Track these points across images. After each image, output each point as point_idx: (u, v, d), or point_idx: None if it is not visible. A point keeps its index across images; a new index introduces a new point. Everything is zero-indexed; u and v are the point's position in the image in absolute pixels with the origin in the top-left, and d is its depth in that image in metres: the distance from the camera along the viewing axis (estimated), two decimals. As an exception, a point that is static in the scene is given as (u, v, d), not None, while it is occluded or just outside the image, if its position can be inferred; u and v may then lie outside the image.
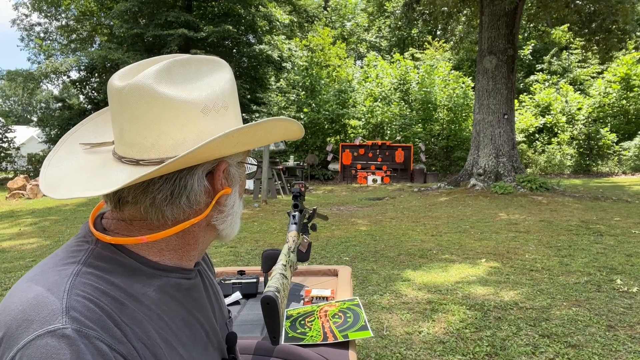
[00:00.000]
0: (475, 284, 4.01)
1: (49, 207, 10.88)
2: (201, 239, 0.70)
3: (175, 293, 0.67)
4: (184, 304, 0.69)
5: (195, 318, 0.70)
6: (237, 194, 0.72)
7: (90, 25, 22.92)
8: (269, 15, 19.79)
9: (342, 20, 30.88)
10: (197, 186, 0.64)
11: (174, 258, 0.68)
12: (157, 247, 0.66)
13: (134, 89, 0.60)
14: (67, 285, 0.54)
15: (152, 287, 0.63)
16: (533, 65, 23.64)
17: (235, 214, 0.72)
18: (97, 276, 0.58)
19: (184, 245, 0.68)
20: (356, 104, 19.95)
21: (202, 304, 0.74)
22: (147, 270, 0.64)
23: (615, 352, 2.66)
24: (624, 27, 12.34)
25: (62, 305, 0.52)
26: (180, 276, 0.68)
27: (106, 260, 0.61)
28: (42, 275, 0.57)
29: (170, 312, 0.65)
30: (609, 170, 18.42)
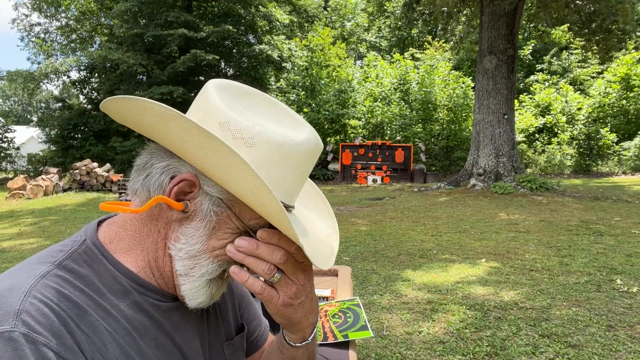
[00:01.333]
0: (475, 284, 4.01)
1: (49, 207, 10.89)
2: (161, 262, 0.65)
3: (153, 312, 0.65)
4: (161, 324, 0.66)
5: (171, 340, 0.67)
6: (204, 236, 0.62)
7: (90, 25, 22.93)
8: (269, 15, 19.80)
9: (342, 20, 30.89)
10: (158, 174, 0.62)
11: (153, 277, 0.66)
12: (134, 253, 0.65)
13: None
14: (28, 286, 0.53)
15: (127, 302, 0.62)
16: (533, 65, 23.64)
17: (197, 263, 0.63)
18: (66, 280, 0.57)
19: (157, 265, 0.65)
20: (356, 104, 19.95)
21: (184, 327, 0.70)
22: (126, 283, 0.62)
23: (615, 352, 2.66)
24: (624, 27, 12.34)
25: (16, 307, 0.51)
26: (159, 298, 0.66)
27: (85, 264, 0.61)
28: (15, 271, 0.58)
29: (142, 330, 0.62)
30: (609, 170, 18.42)
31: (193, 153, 0.57)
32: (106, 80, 19.49)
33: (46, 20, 23.50)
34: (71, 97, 26.68)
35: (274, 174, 0.61)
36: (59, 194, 13.66)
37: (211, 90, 0.63)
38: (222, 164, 0.55)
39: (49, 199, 12.68)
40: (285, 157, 0.62)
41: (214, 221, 0.62)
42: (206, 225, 0.62)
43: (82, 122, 20.10)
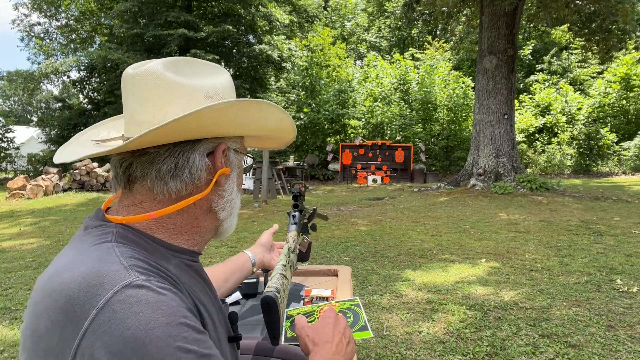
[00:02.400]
0: (475, 284, 4.01)
1: (48, 207, 10.89)
2: (203, 224, 0.75)
3: (189, 270, 0.72)
4: (198, 280, 0.74)
5: (208, 295, 0.75)
6: (235, 182, 0.78)
7: (90, 25, 22.93)
8: (269, 15, 19.80)
9: (342, 20, 30.89)
10: (198, 161, 0.70)
11: (183, 241, 0.73)
12: (167, 229, 0.71)
13: (145, 74, 0.68)
14: (116, 252, 0.60)
15: (172, 265, 0.68)
16: (533, 65, 23.64)
17: (234, 203, 0.77)
18: (132, 249, 0.63)
19: (189, 227, 0.73)
20: (356, 104, 19.95)
21: (208, 284, 0.78)
22: (163, 250, 0.69)
23: (615, 352, 2.66)
24: (623, 27, 12.34)
25: (125, 264, 0.58)
26: (189, 258, 0.74)
27: (129, 240, 0.66)
28: (81, 255, 0.61)
29: (191, 283, 0.70)
30: (609, 170, 18.42)
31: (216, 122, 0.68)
32: (106, 80, 19.48)
33: (46, 20, 23.51)
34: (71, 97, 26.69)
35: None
36: (59, 194, 13.66)
37: (170, 75, 0.69)
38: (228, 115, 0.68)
39: (49, 199, 12.68)
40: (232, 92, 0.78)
41: (239, 166, 0.78)
42: (235, 173, 0.78)
43: (82, 122, 20.09)
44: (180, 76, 0.69)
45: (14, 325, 3.41)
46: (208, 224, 0.76)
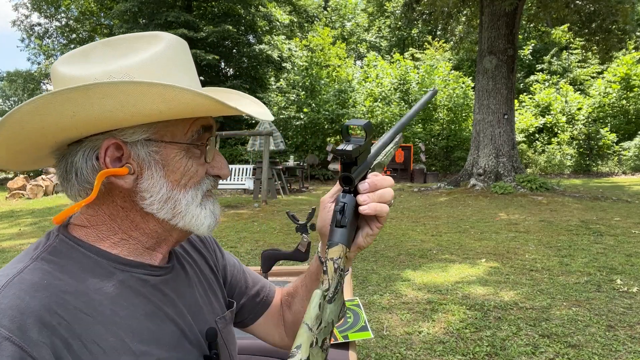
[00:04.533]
0: (475, 284, 4.01)
1: (48, 207, 10.89)
2: (147, 227, 0.67)
3: (140, 288, 0.66)
4: (150, 299, 0.67)
5: (164, 313, 0.68)
6: (162, 180, 0.64)
7: (90, 25, 22.93)
8: (269, 15, 19.81)
9: (342, 20, 30.89)
10: (83, 164, 0.63)
11: (132, 252, 0.68)
12: (107, 237, 0.66)
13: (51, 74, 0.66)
14: (3, 283, 0.55)
15: (112, 282, 0.63)
16: (533, 65, 23.64)
17: (176, 201, 0.66)
18: (45, 271, 0.58)
19: (131, 233, 0.67)
20: (356, 104, 19.95)
21: (173, 299, 0.71)
22: (107, 265, 0.64)
23: (615, 352, 2.66)
24: (623, 27, 12.34)
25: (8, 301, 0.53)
26: (145, 272, 0.68)
27: (61, 255, 0.62)
28: (3, 270, 0.60)
29: (131, 307, 0.63)
30: (609, 170, 18.41)
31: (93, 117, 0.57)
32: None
33: (46, 21, 23.51)
34: (71, 97, 26.69)
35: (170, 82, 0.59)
36: (59, 194, 13.65)
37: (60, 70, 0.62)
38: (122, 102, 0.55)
39: (48, 199, 12.68)
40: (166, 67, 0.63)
41: (159, 160, 0.65)
42: (156, 169, 0.65)
43: (82, 122, 20.11)
44: (72, 67, 0.61)
45: (14, 325, 3.41)
46: (153, 227, 0.68)
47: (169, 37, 0.66)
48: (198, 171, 0.68)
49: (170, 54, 0.64)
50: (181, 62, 0.66)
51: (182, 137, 0.66)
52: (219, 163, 0.72)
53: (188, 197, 0.67)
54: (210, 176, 0.71)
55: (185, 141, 0.66)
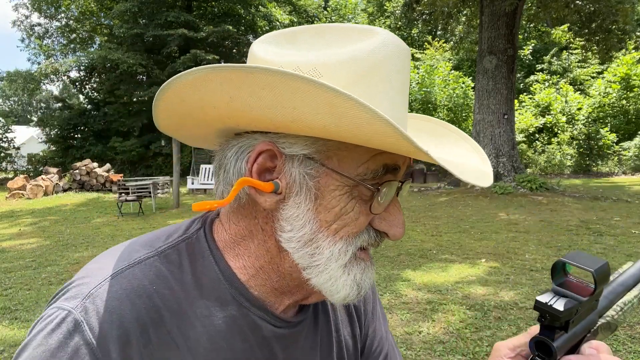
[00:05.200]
0: (475, 284, 4.01)
1: (48, 207, 10.88)
2: (282, 268, 0.54)
3: (250, 333, 0.55)
4: (255, 350, 0.55)
5: None
6: (311, 214, 0.50)
7: (90, 25, 22.93)
8: (268, 15, 19.81)
9: (342, 21, 30.89)
10: (232, 162, 0.52)
11: (259, 287, 0.56)
12: (241, 258, 0.55)
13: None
14: (114, 271, 0.50)
15: (224, 314, 0.53)
16: (533, 65, 23.64)
17: (325, 252, 0.51)
18: (160, 274, 0.51)
19: (262, 266, 0.55)
20: (356, 104, 19.96)
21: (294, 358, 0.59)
22: (227, 291, 0.54)
23: (615, 352, 2.66)
24: (623, 27, 12.35)
25: (90, 290, 0.48)
26: (263, 317, 0.55)
27: (191, 255, 0.54)
28: (118, 250, 0.55)
29: (229, 352, 0.53)
30: (609, 170, 18.42)
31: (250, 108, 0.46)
32: (106, 80, 19.50)
33: (46, 21, 23.51)
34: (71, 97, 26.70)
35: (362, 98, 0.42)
36: (59, 194, 13.66)
37: (257, 51, 0.52)
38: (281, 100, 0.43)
39: (48, 199, 12.68)
40: (365, 74, 0.48)
41: (313, 187, 0.50)
42: (307, 197, 0.50)
43: (82, 122, 20.11)
44: (267, 47, 0.52)
45: (14, 325, 3.41)
46: (288, 268, 0.54)
47: (385, 36, 0.50)
48: (359, 219, 0.51)
49: (378, 58, 0.48)
50: (389, 71, 0.49)
51: (352, 169, 0.49)
52: (392, 217, 0.53)
53: (335, 249, 0.51)
54: (373, 230, 0.53)
55: (354, 176, 0.49)
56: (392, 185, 0.52)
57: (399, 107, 0.51)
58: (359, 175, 0.49)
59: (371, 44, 0.49)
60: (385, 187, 0.50)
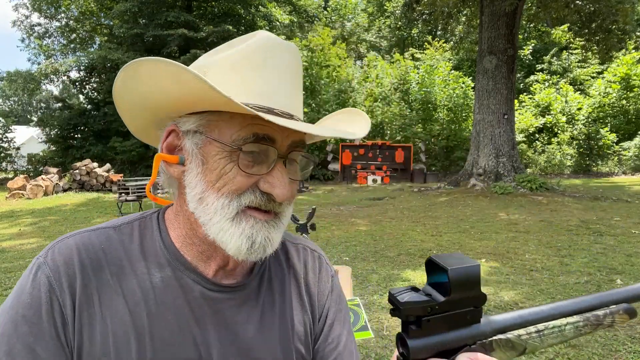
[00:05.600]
0: (475, 284, 4.02)
1: (48, 207, 10.89)
2: (200, 232, 0.63)
3: (181, 292, 0.63)
4: (186, 308, 0.63)
5: (190, 332, 0.62)
6: (200, 176, 0.61)
7: (90, 25, 22.93)
8: (269, 15, 19.81)
9: (342, 20, 30.90)
10: (159, 145, 0.66)
11: (191, 253, 0.65)
12: (178, 229, 0.67)
13: None
14: (76, 233, 0.64)
15: (160, 275, 0.63)
16: (533, 65, 23.65)
17: (211, 207, 0.60)
18: (110, 239, 0.64)
19: (188, 233, 0.65)
20: (356, 104, 19.95)
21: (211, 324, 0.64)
22: (165, 256, 0.65)
23: (615, 352, 2.66)
24: (623, 27, 12.35)
25: (53, 244, 0.63)
26: (194, 278, 0.64)
27: (142, 231, 0.67)
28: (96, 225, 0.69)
29: (162, 306, 0.61)
30: (609, 170, 18.42)
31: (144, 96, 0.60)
32: (106, 80, 19.50)
33: (46, 21, 23.51)
34: (71, 97, 26.69)
35: (238, 83, 0.59)
36: (59, 194, 13.66)
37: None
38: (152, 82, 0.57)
39: (48, 199, 12.68)
40: (238, 65, 0.60)
41: (199, 154, 0.61)
42: (197, 164, 0.61)
43: (82, 122, 20.10)
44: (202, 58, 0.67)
45: (14, 325, 3.41)
46: (202, 230, 0.62)
47: (260, 36, 0.63)
48: (236, 179, 0.59)
49: (247, 52, 0.60)
50: (260, 58, 0.60)
51: (228, 137, 0.59)
52: (275, 179, 0.60)
53: (218, 203, 0.60)
54: (260, 191, 0.61)
55: (229, 143, 0.59)
56: (263, 150, 0.60)
57: (274, 84, 0.61)
58: (233, 142, 0.59)
59: (247, 44, 0.61)
60: (250, 150, 0.59)
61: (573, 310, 0.54)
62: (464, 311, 0.49)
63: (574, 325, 0.54)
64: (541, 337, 0.52)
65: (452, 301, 0.47)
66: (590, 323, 0.54)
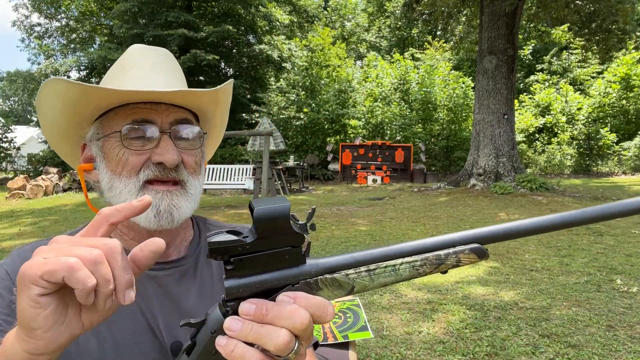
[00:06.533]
0: (475, 284, 4.01)
1: (48, 207, 10.89)
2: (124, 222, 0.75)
3: None
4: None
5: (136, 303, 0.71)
6: (105, 170, 0.73)
7: (90, 25, 22.92)
8: (268, 16, 19.81)
9: (342, 20, 30.90)
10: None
11: (126, 241, 0.77)
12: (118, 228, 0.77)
13: None
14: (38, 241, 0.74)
15: None
16: (533, 65, 23.65)
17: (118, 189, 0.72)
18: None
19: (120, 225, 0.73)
20: (356, 104, 19.95)
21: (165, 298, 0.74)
22: None
23: (615, 352, 2.66)
24: (623, 27, 12.34)
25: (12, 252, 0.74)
26: None
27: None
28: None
29: None
30: (609, 170, 18.42)
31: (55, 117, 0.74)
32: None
33: (46, 21, 23.50)
34: (71, 97, 26.62)
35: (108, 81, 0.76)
36: (59, 194, 13.66)
37: None
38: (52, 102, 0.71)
39: (48, 199, 12.68)
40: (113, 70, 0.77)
41: (101, 152, 0.73)
42: (102, 161, 0.73)
43: (82, 122, 20.09)
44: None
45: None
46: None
47: (132, 47, 0.78)
48: (130, 159, 0.71)
49: (124, 60, 0.75)
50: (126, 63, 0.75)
51: (116, 129, 0.72)
52: (161, 149, 0.71)
53: (122, 185, 0.71)
54: (153, 164, 0.71)
55: (112, 132, 0.72)
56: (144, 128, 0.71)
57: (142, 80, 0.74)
58: (118, 131, 0.71)
59: (120, 57, 0.77)
60: (129, 127, 0.70)
61: (411, 251, 0.52)
62: (281, 251, 0.48)
63: (410, 264, 0.52)
64: (371, 275, 0.51)
65: (262, 241, 0.46)
66: (430, 262, 0.52)
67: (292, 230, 0.48)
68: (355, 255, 0.51)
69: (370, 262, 0.51)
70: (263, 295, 0.47)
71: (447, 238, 0.53)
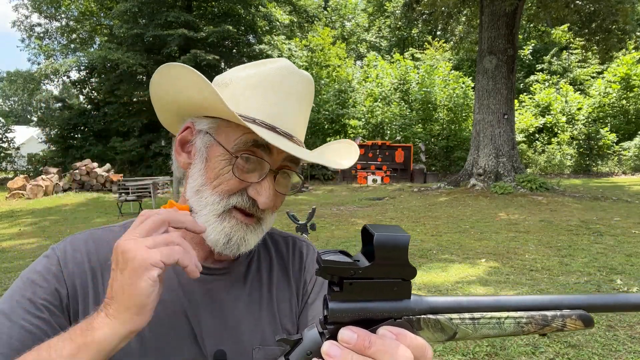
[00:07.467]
0: (475, 283, 4.01)
1: (48, 207, 10.88)
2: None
3: (174, 276, 0.71)
4: (179, 288, 0.71)
5: (182, 307, 0.70)
6: (202, 172, 0.69)
7: (90, 26, 22.93)
8: (269, 16, 19.80)
9: (342, 20, 30.90)
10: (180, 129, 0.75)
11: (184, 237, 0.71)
12: None
13: None
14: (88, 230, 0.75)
15: None
16: (533, 65, 23.64)
17: (204, 199, 0.68)
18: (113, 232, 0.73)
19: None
20: (356, 104, 19.95)
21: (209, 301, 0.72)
22: None
23: (615, 352, 2.66)
24: (623, 27, 12.34)
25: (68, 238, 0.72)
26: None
27: None
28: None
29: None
30: (609, 170, 18.42)
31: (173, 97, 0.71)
32: (106, 80, 19.48)
33: (46, 21, 23.51)
34: (71, 97, 26.69)
35: (252, 101, 0.69)
36: (59, 194, 13.65)
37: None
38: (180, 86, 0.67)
39: (48, 199, 12.67)
40: (256, 85, 0.70)
41: (205, 153, 0.70)
42: (202, 160, 0.70)
43: (82, 122, 20.10)
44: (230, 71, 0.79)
45: (14, 325, 3.41)
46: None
47: (281, 63, 0.72)
48: (231, 181, 0.67)
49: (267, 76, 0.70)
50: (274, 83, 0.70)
51: (231, 142, 0.68)
52: (262, 189, 0.68)
53: (210, 199, 0.68)
54: (247, 196, 0.68)
55: (229, 148, 0.68)
56: (258, 161, 0.68)
57: (283, 106, 0.70)
58: (233, 147, 0.68)
59: (268, 68, 0.71)
60: (246, 157, 0.67)
61: (517, 306, 0.51)
62: (391, 282, 0.47)
63: (515, 320, 0.50)
64: (475, 324, 0.49)
65: (376, 267, 0.46)
66: (535, 321, 0.51)
67: (407, 263, 0.47)
68: (460, 300, 0.50)
69: (475, 310, 0.50)
70: (363, 324, 0.45)
71: (555, 299, 0.53)
